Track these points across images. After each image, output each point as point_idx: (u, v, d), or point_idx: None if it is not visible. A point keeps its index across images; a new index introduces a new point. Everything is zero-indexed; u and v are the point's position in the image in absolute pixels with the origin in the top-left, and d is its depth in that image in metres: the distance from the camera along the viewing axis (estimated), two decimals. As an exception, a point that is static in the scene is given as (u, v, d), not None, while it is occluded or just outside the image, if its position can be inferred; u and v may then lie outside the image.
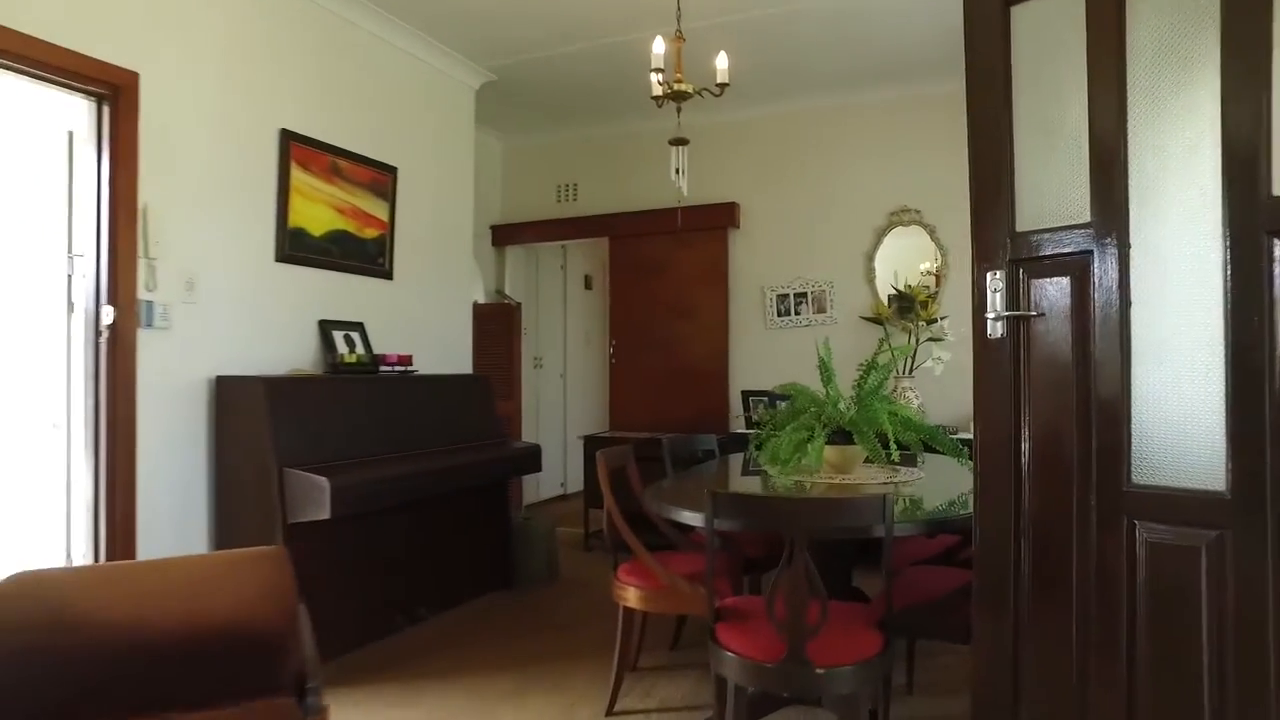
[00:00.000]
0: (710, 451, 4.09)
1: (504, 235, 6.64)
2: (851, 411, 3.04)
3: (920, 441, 3.02)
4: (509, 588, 4.61)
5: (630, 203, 6.21)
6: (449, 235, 5.06)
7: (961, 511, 2.46)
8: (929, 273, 5.41)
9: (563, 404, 7.62)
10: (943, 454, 2.97)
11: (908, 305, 5.32)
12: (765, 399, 5.48)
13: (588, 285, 8.07)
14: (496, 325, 6.45)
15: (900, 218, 5.45)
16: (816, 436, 2.96)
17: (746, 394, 5.53)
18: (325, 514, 3.09)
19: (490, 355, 6.45)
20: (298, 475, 3.15)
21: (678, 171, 3.45)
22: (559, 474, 7.58)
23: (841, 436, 3.07)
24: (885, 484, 2.92)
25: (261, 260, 3.72)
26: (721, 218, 5.86)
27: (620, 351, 6.16)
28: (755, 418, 5.48)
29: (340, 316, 4.12)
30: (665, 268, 6.02)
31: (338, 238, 4.10)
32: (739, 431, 5.36)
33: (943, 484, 3.09)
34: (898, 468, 3.19)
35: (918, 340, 5.17)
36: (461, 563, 4.25)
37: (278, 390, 3.30)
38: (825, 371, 3.33)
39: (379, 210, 4.38)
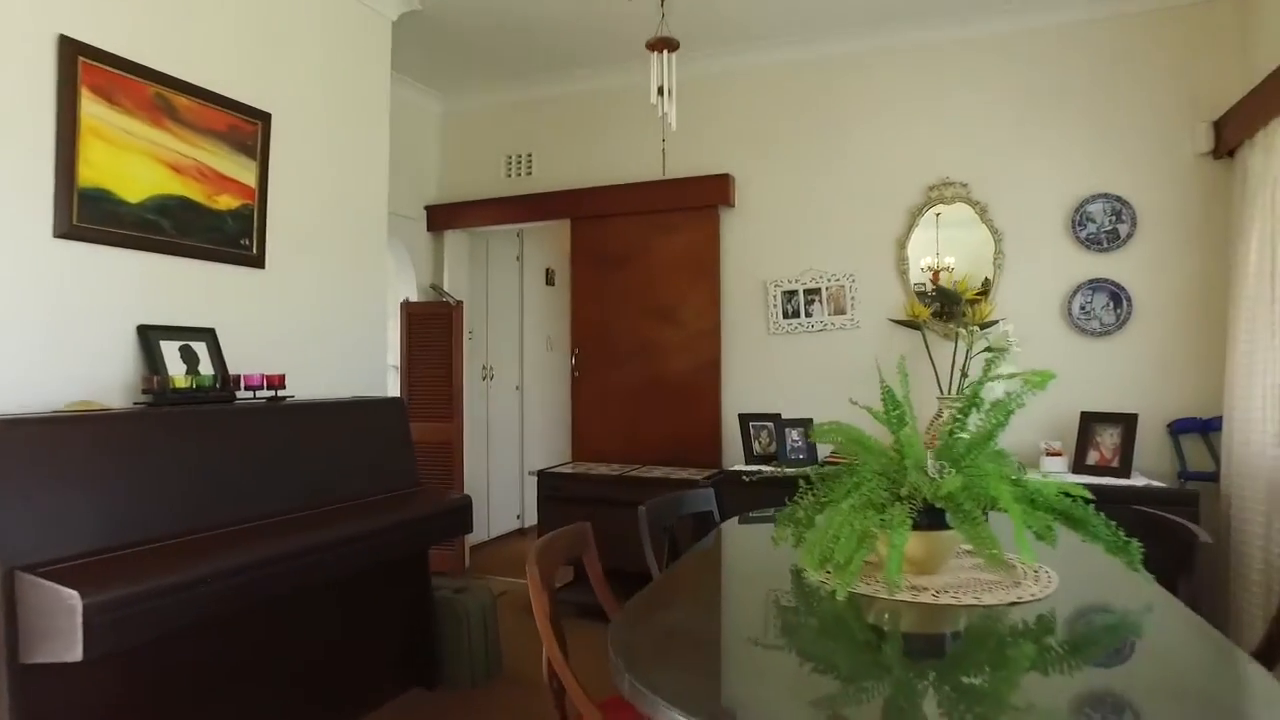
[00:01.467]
0: (706, 516, 2.89)
1: (442, 218, 5.39)
2: (949, 479, 1.85)
3: (1050, 526, 1.84)
4: (431, 686, 3.38)
5: (597, 175, 4.99)
6: (355, 213, 3.81)
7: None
8: (978, 264, 4.26)
9: (519, 423, 6.38)
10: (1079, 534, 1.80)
11: (952, 305, 4.16)
12: (769, 424, 4.29)
13: (549, 280, 6.84)
14: (433, 330, 5.21)
15: (942, 193, 4.28)
16: (896, 524, 1.78)
17: (746, 418, 4.34)
18: (75, 654, 1.84)
19: (425, 366, 5.20)
20: (35, 585, 1.90)
21: (662, 93, 2.26)
22: (513, 504, 6.35)
23: (929, 518, 1.89)
24: (1012, 602, 1.74)
25: (27, 235, 2.45)
26: (712, 194, 4.66)
27: (584, 362, 4.94)
28: (759, 449, 4.29)
29: (175, 320, 2.86)
30: (640, 257, 4.81)
31: (171, 206, 2.84)
32: (737, 469, 4.16)
33: (1092, 596, 1.92)
34: (1013, 565, 2.01)
35: (967, 351, 4.01)
36: (360, 660, 3.01)
37: (11, 439, 2.04)
38: (894, 410, 2.14)
39: (242, 172, 3.12)
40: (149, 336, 2.72)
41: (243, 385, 2.91)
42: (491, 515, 6.02)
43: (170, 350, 2.76)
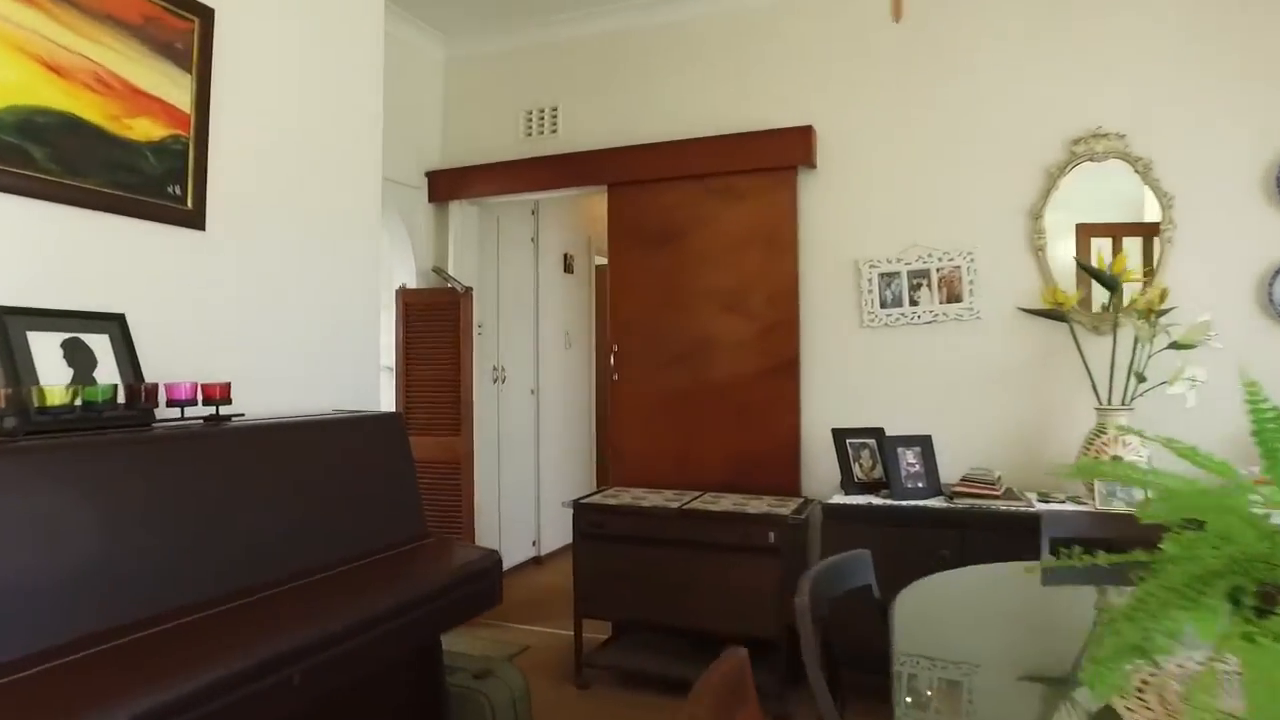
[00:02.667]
0: (864, 590, 1.93)
1: (447, 185, 4.42)
2: None
3: None
4: (442, 810, 2.42)
5: (639, 132, 4.03)
6: (340, 167, 2.85)
7: None
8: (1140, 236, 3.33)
9: (534, 434, 5.41)
10: None
11: (1109, 290, 3.23)
12: (870, 442, 3.35)
13: (568, 267, 5.88)
14: (436, 323, 4.24)
15: (1090, 148, 3.34)
16: None
17: (842, 435, 3.39)
18: None
19: (427, 368, 4.24)
20: None
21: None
22: (528, 529, 5.38)
23: None
24: None
25: None
26: (788, 151, 3.71)
27: (625, 363, 3.98)
28: (860, 474, 3.34)
29: (56, 300, 1.90)
30: (696, 232, 3.85)
31: (46, 127, 1.87)
32: (837, 501, 3.21)
33: None
34: None
35: (1139, 347, 3.07)
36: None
37: None
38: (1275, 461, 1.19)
39: (169, 88, 2.16)
40: (4, 326, 1.74)
41: (164, 400, 1.95)
42: (504, 543, 5.05)
43: (45, 347, 1.79)
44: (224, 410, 2.07)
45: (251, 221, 2.46)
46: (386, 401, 4.63)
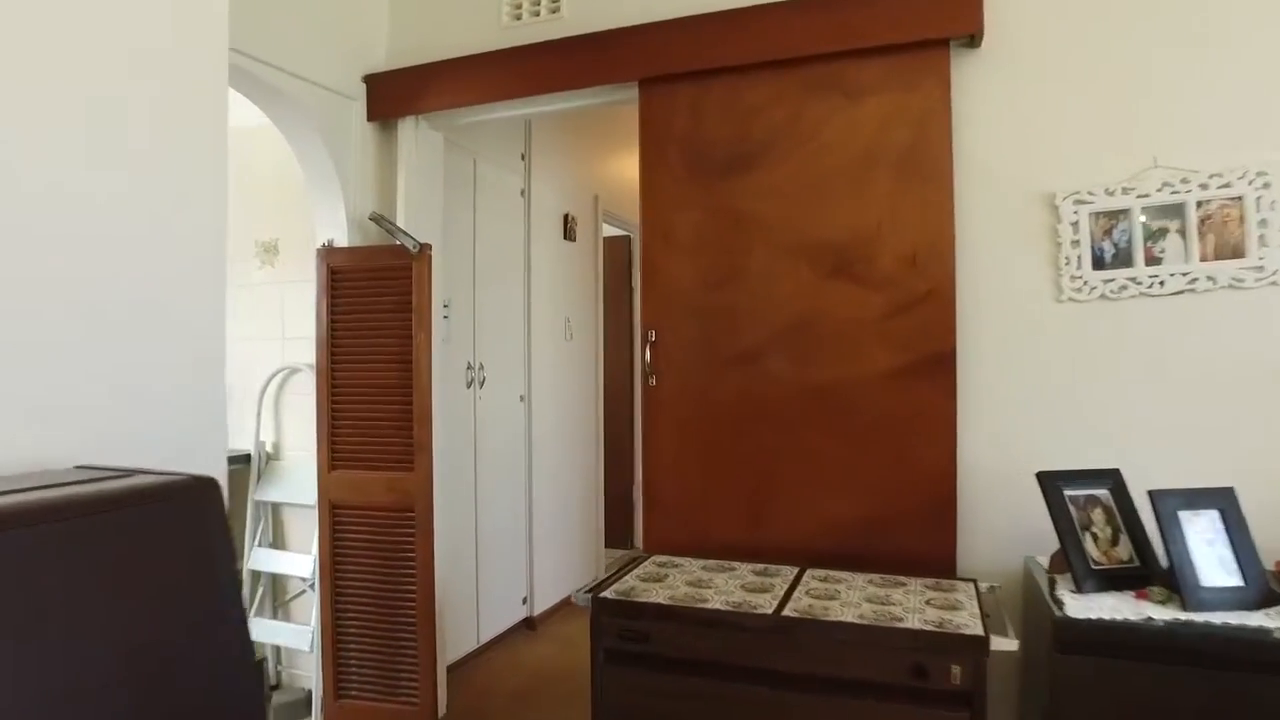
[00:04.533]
0: None
1: (395, 95, 2.97)
2: None
3: None
4: None
5: (685, 1, 2.60)
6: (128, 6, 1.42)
7: None
8: None
9: (524, 457, 3.99)
10: None
11: None
12: (1102, 493, 1.93)
13: (569, 233, 4.45)
14: (377, 298, 2.81)
15: None
16: None
17: (1054, 482, 1.96)
18: None
19: (363, 366, 2.82)
20: None
21: None
22: (517, 584, 3.97)
23: None
24: None
25: None
26: (935, 14, 2.29)
27: (667, 359, 2.55)
28: (1097, 552, 1.93)
29: None
30: (784, 153, 2.43)
31: None
32: (1079, 615, 1.79)
33: None
34: None
35: None
36: None
37: None
38: None
39: None
40: None
41: None
42: (484, 607, 3.64)
43: None
44: None
45: None
46: (294, 425, 3.21)
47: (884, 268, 2.32)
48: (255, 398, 3.24)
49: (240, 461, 3.21)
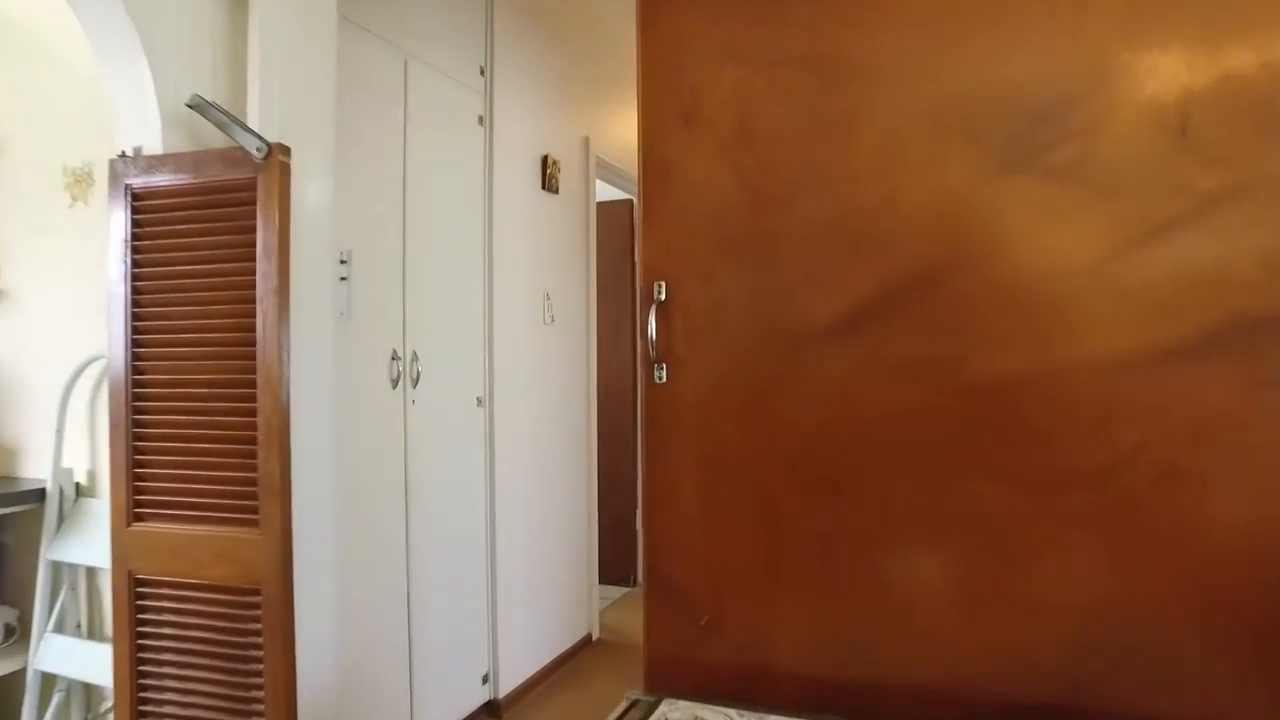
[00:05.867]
0: None
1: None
2: None
3: None
4: None
5: None
6: None
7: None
8: None
9: (484, 480, 2.87)
10: None
11: None
12: None
13: (549, 183, 3.32)
14: (211, 236, 1.68)
15: None
16: None
17: None
18: None
19: (187, 354, 1.67)
20: None
21: None
22: (475, 660, 2.85)
23: None
24: None
25: None
26: None
27: (683, 333, 1.42)
28: None
29: None
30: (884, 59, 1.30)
31: None
32: None
33: None
34: None
35: None
36: None
37: None
38: None
39: None
40: None
41: None
42: (424, 698, 2.51)
43: None
44: None
45: None
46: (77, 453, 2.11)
47: (1117, 150, 1.18)
48: (58, 400, 2.12)
49: (30, 500, 2.09)
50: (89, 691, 2.12)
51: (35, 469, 2.17)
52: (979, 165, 1.23)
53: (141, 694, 1.71)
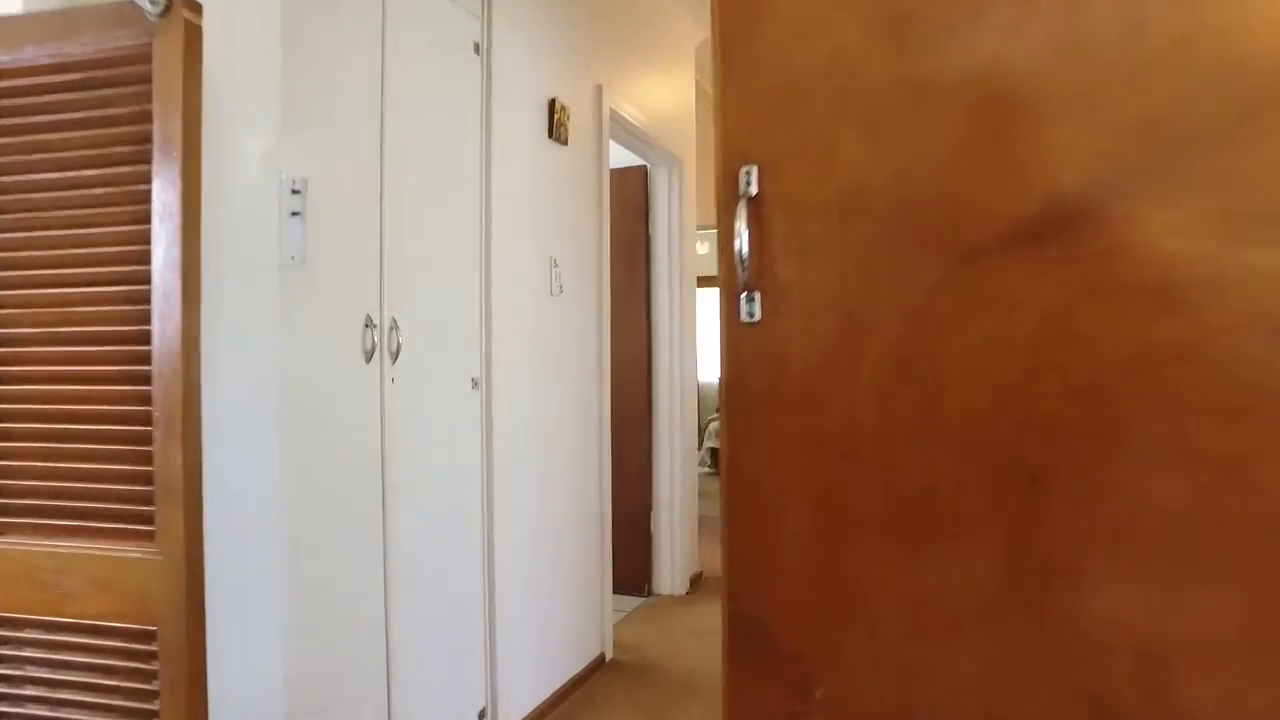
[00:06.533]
0: None
1: None
2: None
3: None
4: None
5: None
6: None
7: None
8: None
9: (480, 472, 2.37)
10: None
11: None
12: None
13: (555, 132, 2.82)
14: (85, 130, 1.18)
15: None
16: None
17: None
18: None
19: (51, 297, 1.15)
20: None
21: None
22: (470, 693, 2.35)
23: None
24: None
25: None
26: None
27: (788, 240, 0.92)
28: None
29: None
30: None
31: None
32: None
33: None
34: None
35: None
36: None
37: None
38: None
39: None
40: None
41: None
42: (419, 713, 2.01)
43: None
44: None
45: None
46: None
47: None
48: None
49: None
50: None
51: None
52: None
53: (-4, 776, 1.21)
